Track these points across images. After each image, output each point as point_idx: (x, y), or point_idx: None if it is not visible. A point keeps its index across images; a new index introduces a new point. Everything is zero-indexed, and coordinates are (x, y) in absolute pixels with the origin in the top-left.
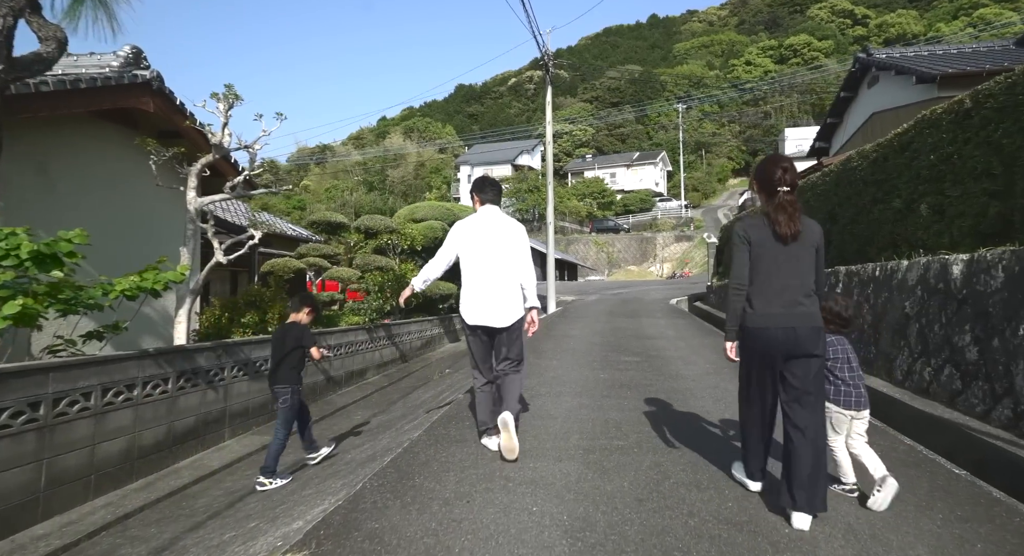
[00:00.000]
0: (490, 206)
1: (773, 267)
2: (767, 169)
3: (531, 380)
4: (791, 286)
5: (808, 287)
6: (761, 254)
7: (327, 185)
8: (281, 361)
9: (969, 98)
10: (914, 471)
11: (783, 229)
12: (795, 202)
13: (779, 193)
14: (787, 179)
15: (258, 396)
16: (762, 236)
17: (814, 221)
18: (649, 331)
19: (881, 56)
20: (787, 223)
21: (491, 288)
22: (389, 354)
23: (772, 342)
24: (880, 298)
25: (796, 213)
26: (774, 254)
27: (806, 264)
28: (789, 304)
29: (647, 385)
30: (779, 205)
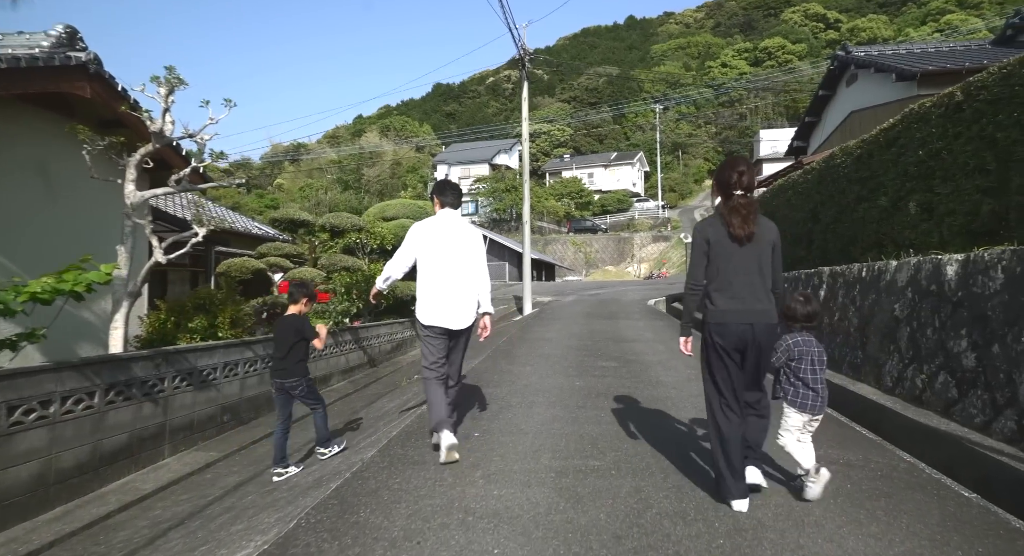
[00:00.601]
0: (449, 210)
1: (731, 266)
2: (724, 172)
3: (503, 389)
4: (749, 284)
5: (766, 285)
6: (720, 253)
7: (301, 184)
8: (287, 355)
9: (960, 91)
10: (920, 495)
11: (736, 231)
12: (750, 204)
13: (734, 196)
14: (743, 182)
15: (206, 408)
16: (719, 236)
17: (770, 220)
18: (627, 333)
19: (860, 54)
20: (740, 225)
21: (448, 290)
22: (356, 358)
23: (731, 337)
24: (867, 300)
25: (750, 215)
26: (731, 253)
27: (764, 263)
28: (747, 301)
29: (626, 394)
30: (733, 208)
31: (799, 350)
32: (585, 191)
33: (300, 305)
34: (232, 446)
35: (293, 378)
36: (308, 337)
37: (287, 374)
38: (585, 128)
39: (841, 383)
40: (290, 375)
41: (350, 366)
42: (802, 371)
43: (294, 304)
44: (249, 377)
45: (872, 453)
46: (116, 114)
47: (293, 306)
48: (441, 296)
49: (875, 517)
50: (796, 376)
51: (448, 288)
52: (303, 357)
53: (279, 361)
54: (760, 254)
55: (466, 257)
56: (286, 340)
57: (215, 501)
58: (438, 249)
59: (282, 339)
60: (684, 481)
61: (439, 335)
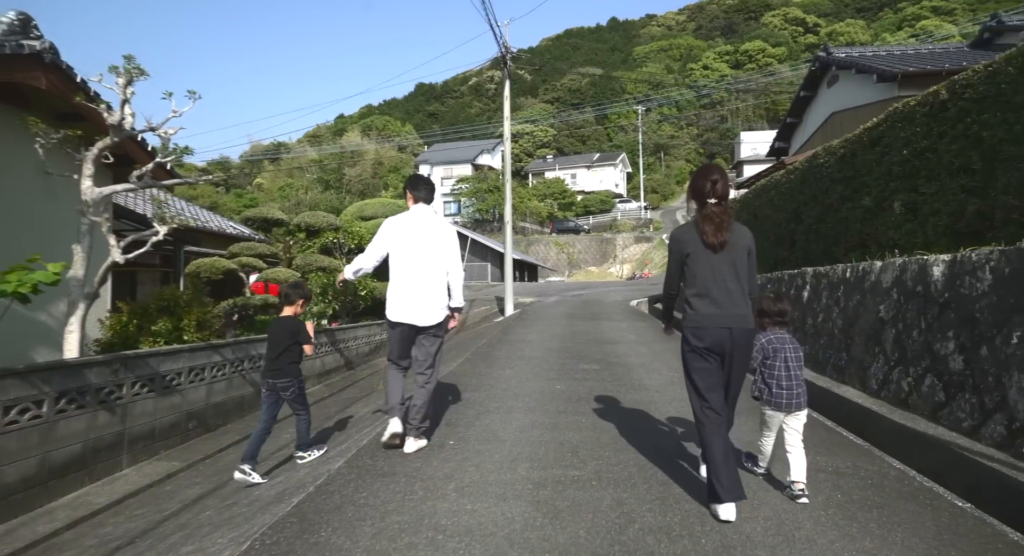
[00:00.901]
0: (423, 205)
1: (708, 272)
2: (698, 181)
3: (481, 393)
4: (726, 289)
5: (742, 290)
6: (697, 260)
7: (281, 183)
8: (280, 356)
9: (945, 89)
10: (913, 505)
11: (709, 239)
12: (723, 212)
13: (708, 204)
14: (716, 190)
15: (169, 415)
16: (696, 243)
17: (744, 227)
18: (609, 335)
19: (841, 55)
20: (713, 233)
21: (416, 287)
22: (332, 361)
23: (709, 341)
24: (851, 301)
25: (724, 223)
26: (708, 259)
27: (739, 268)
28: (725, 306)
29: (608, 398)
30: (707, 216)
31: (772, 347)
32: (568, 192)
33: (295, 307)
34: (196, 455)
35: (286, 378)
36: (302, 341)
37: (280, 374)
38: (568, 129)
39: (826, 386)
40: (283, 375)
41: (326, 369)
42: (776, 369)
43: (289, 305)
44: (217, 382)
45: (861, 460)
46: (74, 106)
47: (288, 308)
48: (409, 292)
49: (868, 531)
50: (771, 374)
51: (417, 284)
52: (297, 359)
53: (272, 361)
54: (735, 260)
55: (437, 253)
56: (280, 342)
57: (171, 517)
58: (409, 245)
59: (276, 340)
60: (668, 491)
61: (405, 331)
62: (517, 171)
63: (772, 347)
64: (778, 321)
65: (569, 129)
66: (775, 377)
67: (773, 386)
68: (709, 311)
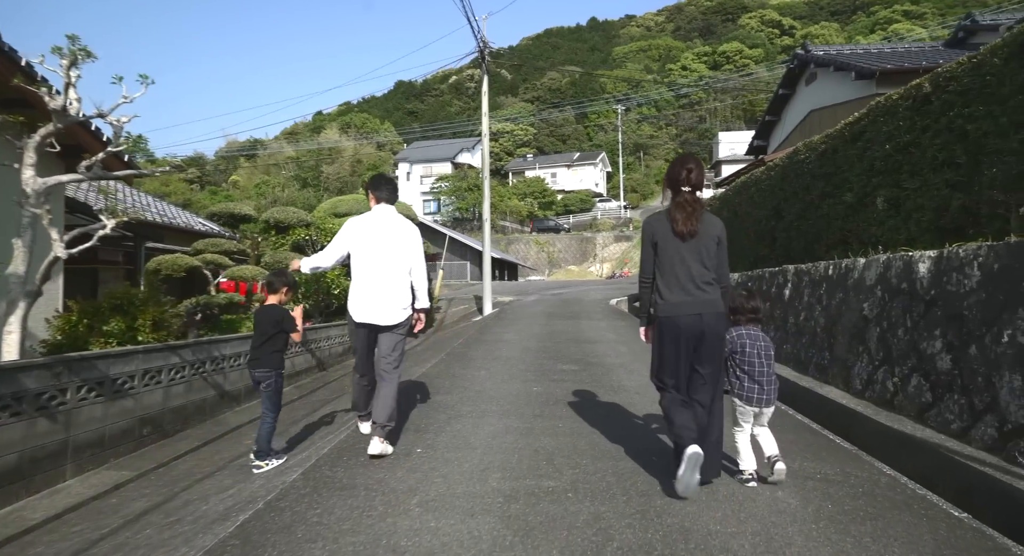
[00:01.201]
0: (385, 205)
1: (678, 259)
2: (674, 169)
3: (453, 396)
4: (694, 277)
5: (711, 277)
6: (666, 248)
7: (257, 181)
8: (262, 345)
9: (929, 82)
10: (908, 516)
11: (679, 227)
12: (695, 201)
13: (682, 192)
14: (691, 179)
15: (120, 421)
16: (665, 232)
17: (715, 216)
18: (589, 334)
19: (819, 53)
20: (684, 221)
21: (377, 287)
22: (303, 362)
23: (682, 328)
24: (834, 299)
25: (695, 212)
26: (677, 248)
27: (708, 257)
28: (694, 293)
29: (586, 400)
30: (679, 204)
31: (742, 343)
32: (548, 191)
33: (280, 295)
34: (149, 463)
35: (264, 369)
36: (288, 329)
37: (259, 364)
38: (548, 128)
39: (809, 386)
40: (262, 365)
41: (296, 370)
42: (747, 364)
43: (273, 293)
44: (175, 385)
45: (849, 465)
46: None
47: (272, 296)
48: (370, 293)
49: (863, 546)
50: (741, 369)
51: (378, 285)
52: (280, 348)
53: (254, 350)
54: (704, 248)
55: (399, 253)
56: (264, 331)
57: (109, 535)
58: (370, 244)
59: (260, 329)
60: (649, 504)
61: (366, 331)
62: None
63: (741, 342)
64: (751, 318)
65: (549, 128)
66: (747, 372)
67: (745, 380)
68: (679, 299)
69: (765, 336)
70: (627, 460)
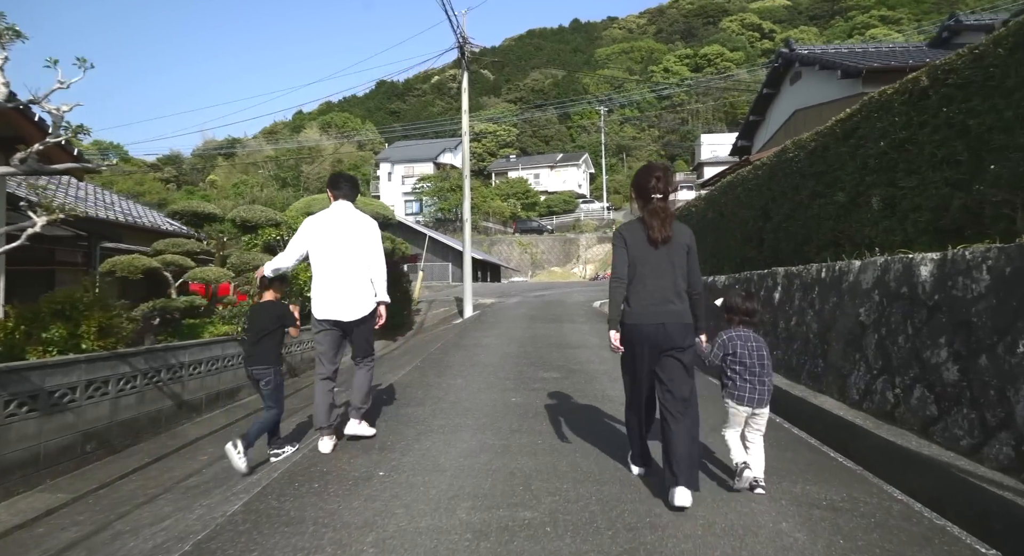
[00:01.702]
0: (343, 202)
1: (647, 269)
2: (642, 178)
3: (426, 407)
4: (662, 286)
5: (679, 287)
6: (636, 256)
7: (235, 180)
8: (260, 341)
9: (926, 75)
10: (930, 554)
11: (655, 233)
12: (667, 208)
13: (653, 200)
14: (660, 187)
15: (59, 437)
16: (637, 239)
17: (685, 225)
18: (571, 338)
19: (804, 51)
20: (659, 228)
21: (339, 283)
22: None
23: (645, 337)
24: (827, 304)
25: (668, 219)
26: (647, 257)
27: (678, 266)
28: (660, 303)
29: (568, 412)
30: (652, 211)
31: (734, 344)
32: (531, 192)
33: (271, 291)
34: (91, 483)
35: (262, 365)
36: (287, 323)
37: (256, 360)
38: (531, 129)
39: (802, 395)
40: (260, 362)
41: None
42: (738, 364)
43: (268, 289)
44: (125, 396)
45: (856, 489)
46: None
47: (268, 293)
48: (332, 289)
49: None
50: (733, 370)
51: (339, 281)
52: (279, 343)
53: (250, 347)
54: (674, 257)
55: (358, 248)
56: (263, 327)
57: None
58: (329, 241)
59: (257, 325)
60: (638, 540)
61: (330, 328)
62: (480, 171)
63: (733, 344)
64: (745, 320)
65: (532, 129)
66: (738, 373)
67: (737, 380)
68: (644, 308)
69: (757, 336)
70: (612, 484)
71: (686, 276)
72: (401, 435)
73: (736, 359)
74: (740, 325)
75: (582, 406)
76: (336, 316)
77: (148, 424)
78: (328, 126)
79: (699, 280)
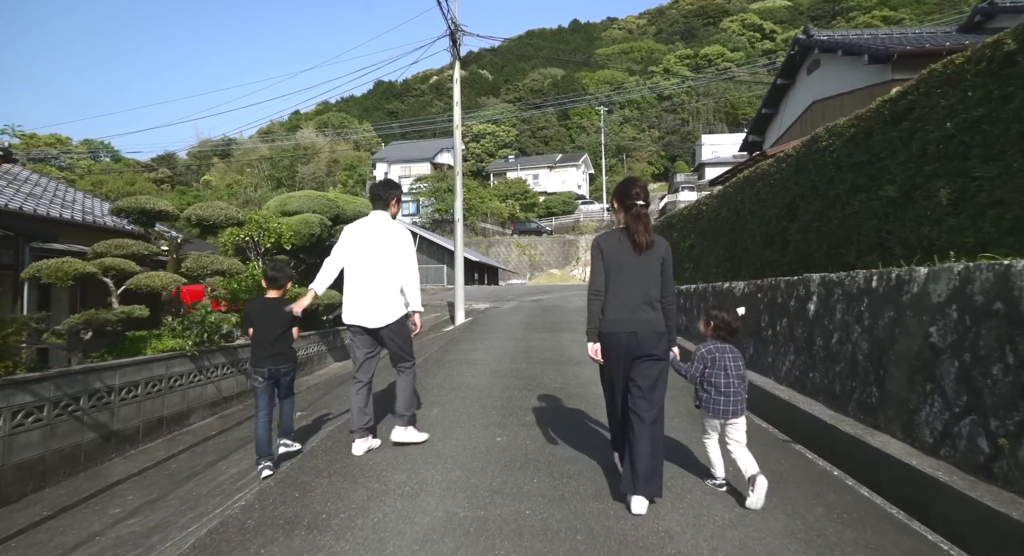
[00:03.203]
0: (380, 212)
1: (622, 278)
2: (625, 187)
3: (385, 454)
4: (636, 296)
5: (653, 296)
6: (612, 266)
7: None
8: (279, 338)
9: (1012, 38)
10: None
11: (641, 238)
12: (648, 215)
13: (636, 206)
14: (640, 194)
15: None
16: (614, 249)
17: (661, 237)
18: (570, 351)
19: (823, 38)
20: (643, 232)
21: (366, 290)
22: (234, 385)
23: (618, 345)
24: (882, 319)
25: (649, 224)
26: (623, 266)
27: (652, 276)
28: (633, 311)
29: (567, 461)
30: (636, 216)
31: (712, 357)
32: (530, 192)
33: (284, 289)
34: None
35: (288, 363)
36: (295, 322)
37: (282, 359)
38: (530, 130)
39: (853, 432)
40: (286, 360)
41: (223, 397)
42: (713, 377)
43: (279, 288)
44: (22, 433)
45: None
46: None
47: (276, 291)
48: (359, 294)
49: None
50: (709, 382)
51: (366, 287)
52: (291, 339)
53: (270, 346)
54: (650, 267)
55: (389, 257)
56: (280, 324)
57: None
58: (361, 249)
59: (275, 323)
60: None
61: (359, 334)
62: (478, 171)
63: (711, 356)
64: (722, 336)
65: (531, 130)
66: (713, 384)
67: (712, 392)
68: (618, 316)
69: (733, 348)
70: None
71: (660, 286)
72: (346, 501)
73: (711, 372)
74: (716, 339)
75: (585, 451)
76: (362, 322)
77: (60, 464)
78: (325, 126)
79: (672, 291)
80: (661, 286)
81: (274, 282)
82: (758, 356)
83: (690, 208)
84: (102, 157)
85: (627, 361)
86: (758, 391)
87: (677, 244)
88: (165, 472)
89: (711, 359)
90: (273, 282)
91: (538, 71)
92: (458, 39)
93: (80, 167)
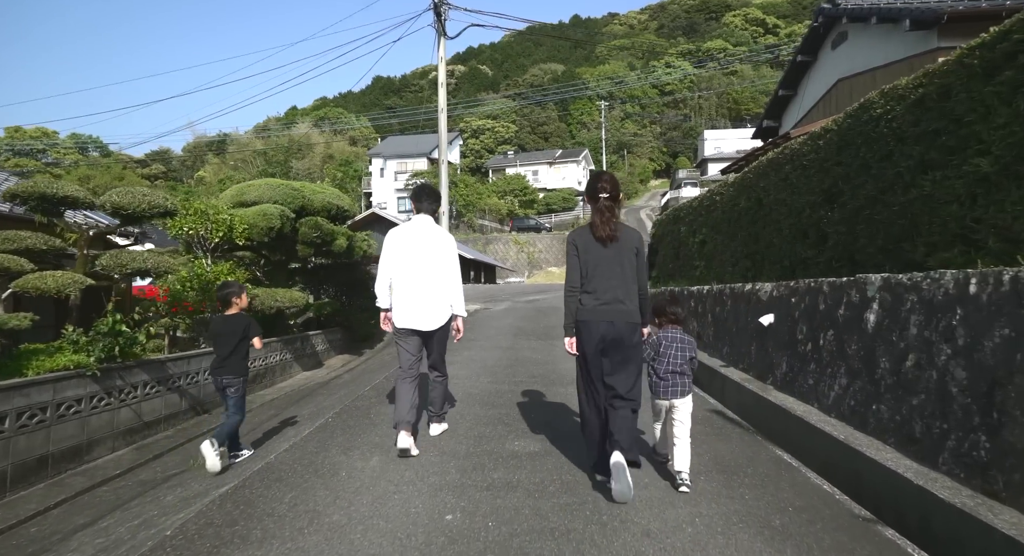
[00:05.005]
0: (423, 216)
1: (597, 269)
2: (592, 183)
3: (272, 548)
4: (611, 286)
5: (628, 287)
6: (587, 259)
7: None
8: (231, 355)
9: None
10: None
11: (599, 231)
12: (612, 208)
13: (600, 199)
14: (607, 189)
15: None
16: (587, 242)
17: (634, 229)
18: (563, 366)
19: (851, 6)
20: (602, 225)
21: (418, 294)
22: (161, 407)
23: (595, 333)
24: (990, 339)
25: (612, 217)
26: (598, 259)
27: (627, 267)
28: (610, 301)
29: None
30: (599, 209)
31: (664, 344)
32: (529, 189)
33: (239, 304)
34: None
35: (232, 375)
36: (252, 335)
37: (226, 371)
38: (530, 125)
39: (954, 500)
40: (229, 372)
41: (143, 421)
42: (661, 361)
43: (231, 306)
44: None
45: None
46: None
47: (232, 308)
48: (411, 299)
49: None
50: (657, 365)
51: (417, 291)
52: (246, 355)
53: (222, 359)
54: (623, 258)
55: (436, 261)
56: (229, 341)
57: None
58: (409, 253)
59: (225, 340)
60: None
61: (410, 336)
62: (477, 167)
63: (663, 343)
64: (671, 320)
65: (531, 125)
66: (658, 368)
67: (654, 376)
68: (595, 305)
69: (683, 334)
70: None
71: (635, 277)
72: None
73: (660, 356)
74: (669, 324)
75: (577, 533)
76: (415, 325)
77: None
78: (322, 120)
79: (646, 281)
80: (636, 277)
81: (225, 302)
82: (793, 376)
83: (701, 199)
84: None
85: (602, 348)
86: (797, 422)
87: (685, 239)
88: (12, 542)
89: (664, 346)
90: (224, 303)
91: (538, 66)
92: (443, 13)
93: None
